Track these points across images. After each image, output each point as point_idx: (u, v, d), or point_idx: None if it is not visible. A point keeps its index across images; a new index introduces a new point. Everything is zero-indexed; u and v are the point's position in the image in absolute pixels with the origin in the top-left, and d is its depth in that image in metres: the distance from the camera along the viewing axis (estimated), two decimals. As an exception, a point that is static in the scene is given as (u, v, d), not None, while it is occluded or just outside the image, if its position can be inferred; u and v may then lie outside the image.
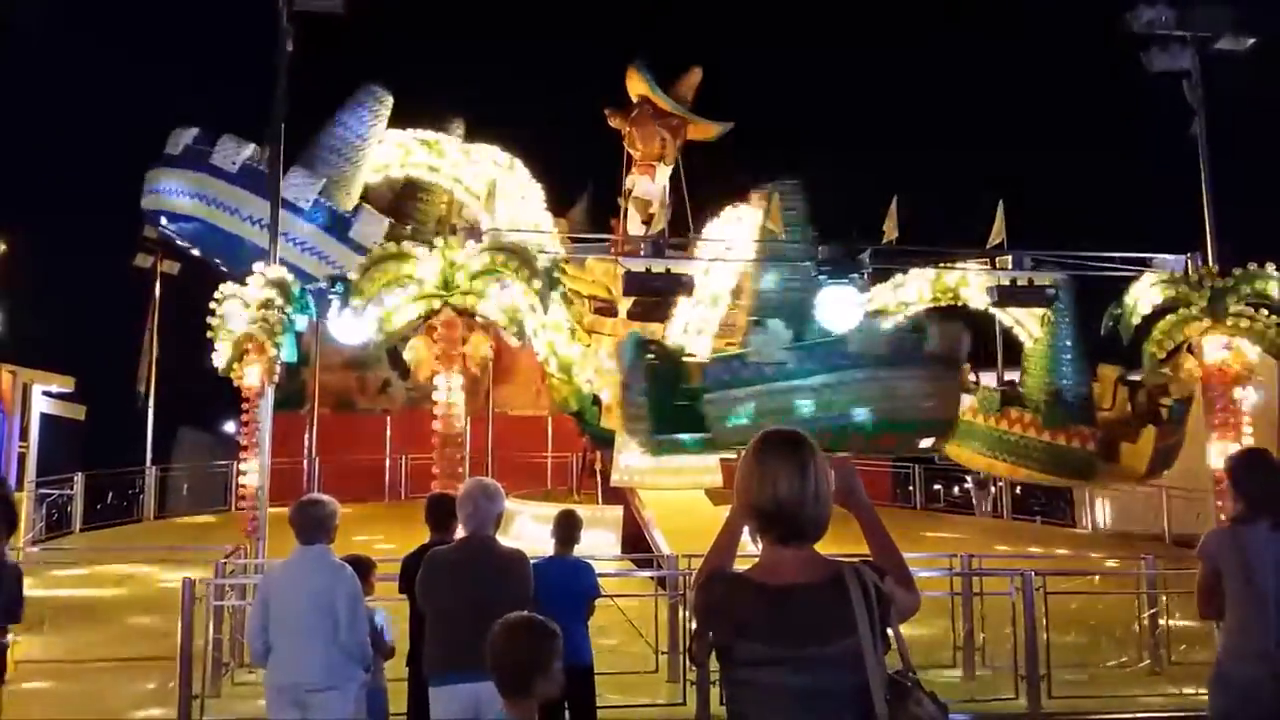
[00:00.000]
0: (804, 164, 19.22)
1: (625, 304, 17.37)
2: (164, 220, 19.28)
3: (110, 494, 20.49)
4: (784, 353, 12.88)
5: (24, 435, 19.75)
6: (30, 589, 9.39)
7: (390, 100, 18.25)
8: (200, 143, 18.29)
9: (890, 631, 2.62)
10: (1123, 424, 15.56)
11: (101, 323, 25.82)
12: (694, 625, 2.91)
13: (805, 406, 12.92)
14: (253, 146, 17.76)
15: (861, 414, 12.82)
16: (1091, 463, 15.68)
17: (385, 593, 6.65)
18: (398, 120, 18.89)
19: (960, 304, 16.55)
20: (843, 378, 12.81)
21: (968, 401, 17.18)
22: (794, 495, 2.60)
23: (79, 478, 19.25)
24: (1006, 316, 17.89)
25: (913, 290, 16.50)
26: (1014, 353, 18.16)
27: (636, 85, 18.99)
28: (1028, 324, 17.74)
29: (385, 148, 18.42)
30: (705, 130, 19.35)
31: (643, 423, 13.91)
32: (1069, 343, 15.22)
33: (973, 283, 15.72)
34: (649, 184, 19.03)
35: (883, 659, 2.56)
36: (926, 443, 14.63)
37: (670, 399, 13.63)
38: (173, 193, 18.42)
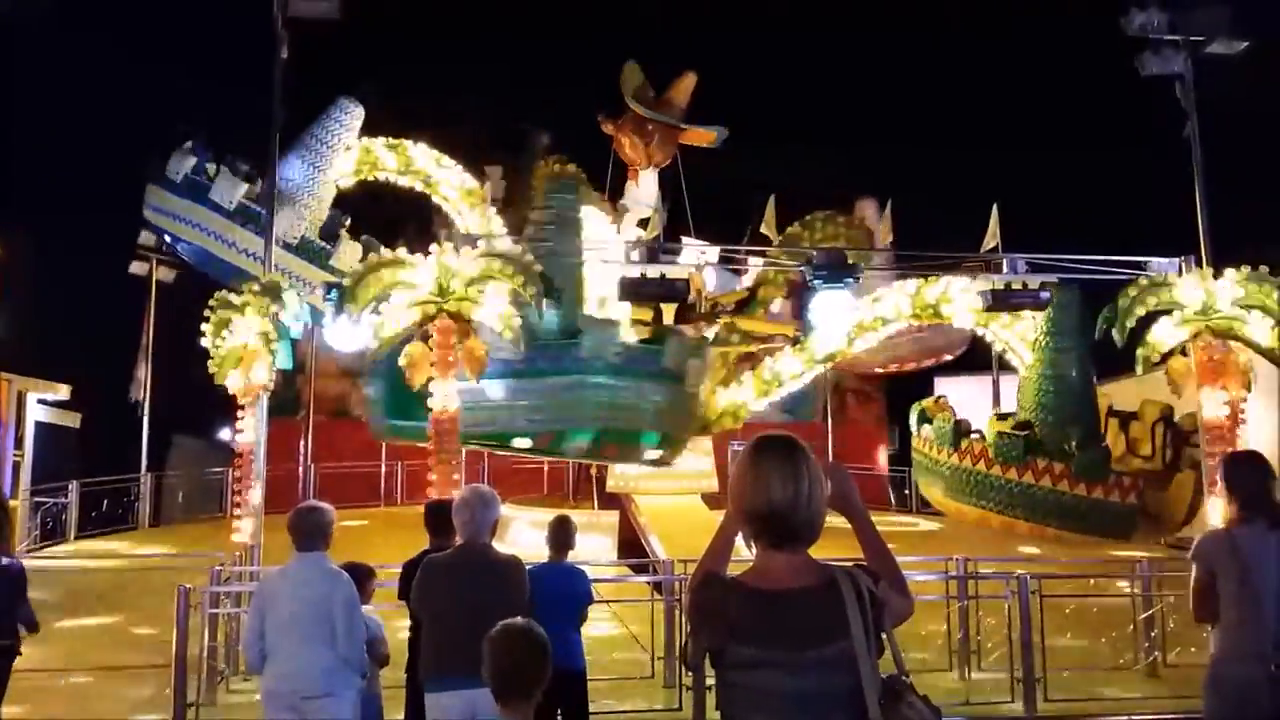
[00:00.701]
0: (797, 168, 19.28)
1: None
2: (166, 236, 19.56)
3: (105, 501, 20.42)
4: (519, 349, 12.30)
5: (19, 443, 19.67)
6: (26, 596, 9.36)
7: (360, 111, 18.30)
8: (198, 173, 18.67)
9: (884, 635, 2.63)
10: (1158, 473, 15.25)
11: (96, 330, 25.73)
12: (688, 629, 2.92)
13: (531, 406, 12.65)
14: (246, 186, 18.26)
15: (586, 421, 12.71)
16: (1133, 519, 15.41)
17: (381, 599, 6.65)
18: (396, 127, 18.98)
19: (943, 320, 16.52)
20: (571, 381, 12.65)
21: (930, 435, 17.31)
22: (787, 500, 2.60)
23: (74, 485, 19.20)
24: (996, 340, 17.83)
25: (889, 305, 16.44)
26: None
27: (624, 91, 19.08)
28: (1018, 348, 17.65)
29: (350, 154, 18.51)
30: (701, 136, 19.38)
31: (378, 407, 13.89)
32: (1073, 372, 14.81)
33: (956, 300, 15.64)
34: (634, 190, 19.07)
35: (876, 663, 2.56)
36: (652, 455, 14.44)
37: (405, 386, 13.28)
38: (173, 217, 18.95)
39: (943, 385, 29.22)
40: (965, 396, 28.86)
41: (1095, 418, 15.53)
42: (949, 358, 20.05)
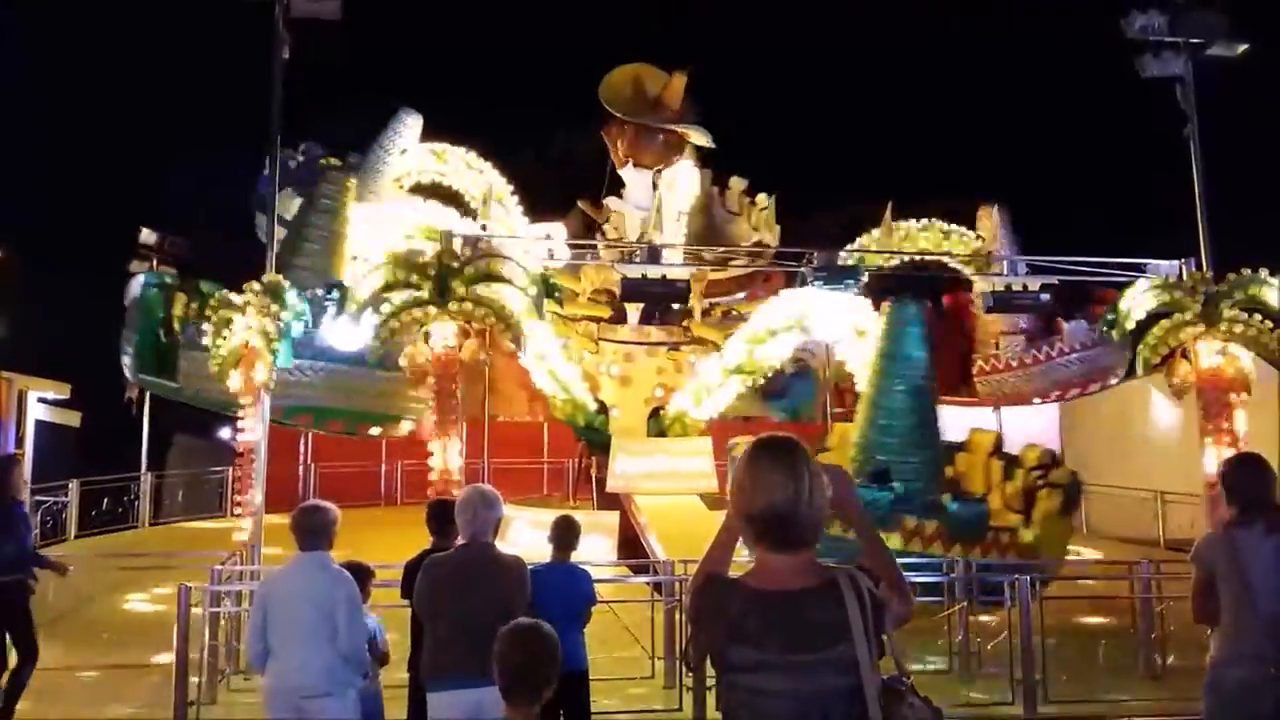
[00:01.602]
0: (796, 169, 19.29)
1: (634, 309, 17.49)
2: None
3: (105, 501, 20.43)
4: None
5: (19, 442, 19.71)
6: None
7: (417, 120, 18.19)
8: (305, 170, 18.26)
9: (884, 636, 2.64)
10: (1010, 511, 13.93)
11: (97, 329, 25.74)
12: (689, 630, 2.93)
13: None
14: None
15: (321, 399, 14.02)
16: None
17: (379, 599, 6.66)
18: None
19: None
20: (319, 365, 13.73)
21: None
22: (787, 502, 2.61)
23: (74, 485, 19.21)
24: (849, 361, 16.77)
25: (779, 315, 16.18)
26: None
27: (613, 97, 19.12)
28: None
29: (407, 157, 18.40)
30: (696, 137, 19.36)
31: (132, 359, 14.63)
32: (910, 401, 13.25)
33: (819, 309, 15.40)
34: (631, 191, 19.08)
35: (877, 664, 2.57)
36: (375, 431, 16.06)
37: (153, 342, 14.25)
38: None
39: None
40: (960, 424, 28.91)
41: (939, 460, 13.71)
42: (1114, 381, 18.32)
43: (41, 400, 20.61)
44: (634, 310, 17.44)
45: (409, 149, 17.94)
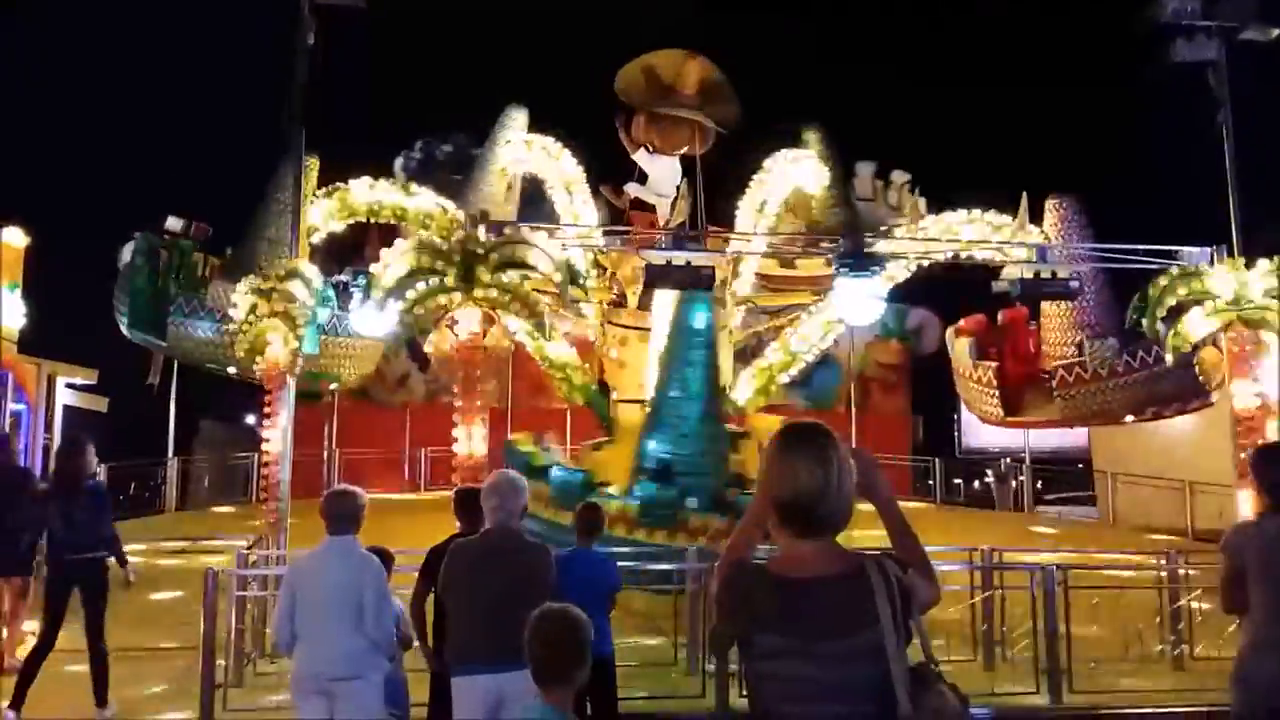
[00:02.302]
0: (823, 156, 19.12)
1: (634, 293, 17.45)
2: None
3: (133, 485, 20.64)
4: None
5: (48, 427, 19.88)
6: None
7: (522, 115, 18.19)
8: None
9: (912, 624, 2.62)
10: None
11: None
12: (714, 616, 2.92)
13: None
14: None
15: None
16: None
17: (401, 583, 6.68)
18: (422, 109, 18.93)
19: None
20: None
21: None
22: (814, 488, 2.59)
23: (101, 469, 19.35)
24: None
25: None
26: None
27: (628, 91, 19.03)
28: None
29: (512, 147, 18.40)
30: (706, 122, 19.22)
31: (126, 315, 15.72)
32: (695, 389, 13.09)
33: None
34: (653, 178, 18.98)
35: (904, 651, 2.55)
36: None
37: (143, 301, 15.31)
38: None
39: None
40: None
41: (724, 452, 13.50)
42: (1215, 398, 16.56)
43: (69, 385, 20.77)
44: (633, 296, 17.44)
45: (512, 140, 17.98)
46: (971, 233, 14.92)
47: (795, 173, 17.62)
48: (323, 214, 15.05)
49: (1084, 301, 16.90)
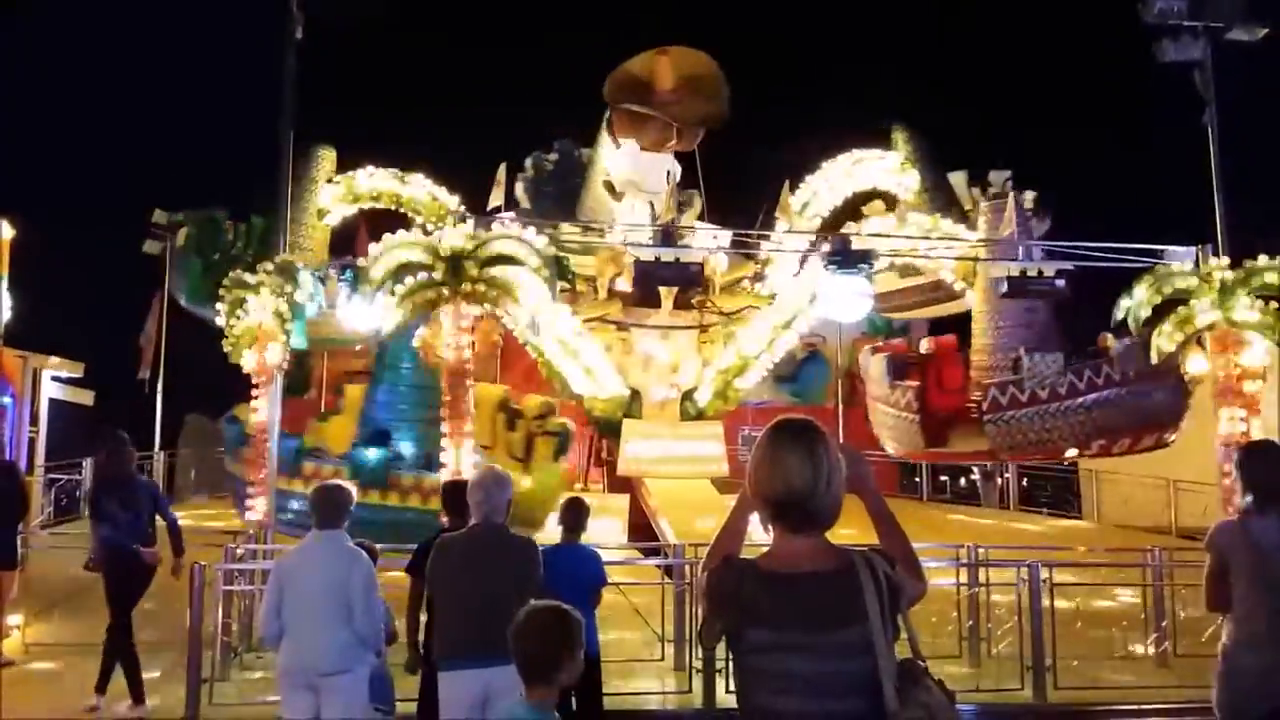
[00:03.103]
0: (811, 154, 19.17)
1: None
2: None
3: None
4: None
5: (34, 420, 19.78)
6: (39, 574, 9.51)
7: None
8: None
9: (900, 619, 2.64)
10: (512, 459, 15.01)
11: (110, 308, 25.90)
12: (703, 610, 2.93)
13: None
14: None
15: None
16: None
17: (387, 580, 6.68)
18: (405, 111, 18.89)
19: None
20: None
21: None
22: (805, 484, 2.61)
23: (88, 463, 19.30)
24: None
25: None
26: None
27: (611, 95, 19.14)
28: None
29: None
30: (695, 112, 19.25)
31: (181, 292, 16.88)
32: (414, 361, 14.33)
33: None
34: (642, 171, 19.01)
35: (892, 646, 2.57)
36: None
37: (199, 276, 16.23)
38: None
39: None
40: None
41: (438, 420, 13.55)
42: (1172, 438, 15.63)
43: (55, 379, 20.67)
44: (669, 293, 17.50)
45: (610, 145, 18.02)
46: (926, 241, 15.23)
47: (862, 175, 17.61)
48: (332, 199, 15.77)
49: (1030, 306, 15.54)
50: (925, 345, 18.18)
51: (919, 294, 18.14)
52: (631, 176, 19.31)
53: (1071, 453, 16.45)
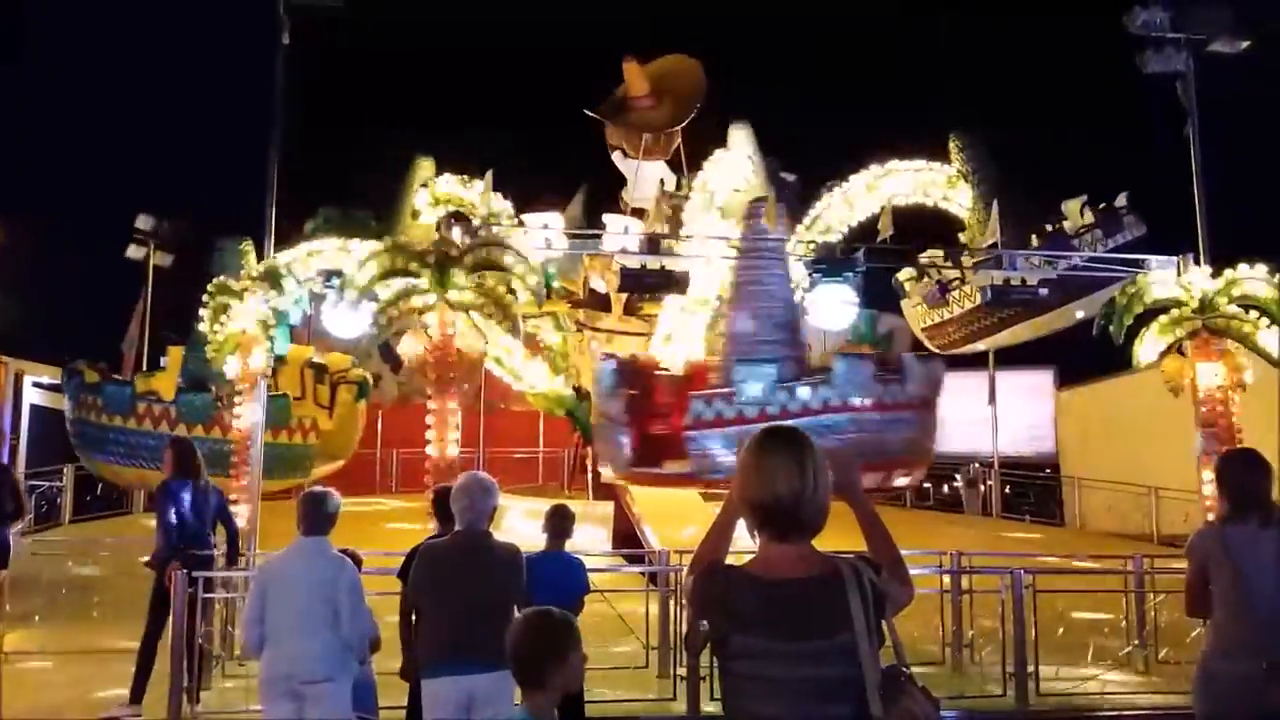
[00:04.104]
0: (795, 165, 19.22)
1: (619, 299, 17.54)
2: None
3: (99, 486, 20.41)
4: None
5: (14, 426, 19.66)
6: (19, 580, 9.44)
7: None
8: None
9: (885, 626, 2.65)
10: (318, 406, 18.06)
11: (93, 314, 25.75)
12: (688, 616, 2.94)
13: None
14: None
15: None
16: (310, 456, 18.01)
17: (373, 586, 6.66)
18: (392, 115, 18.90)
19: None
20: None
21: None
22: (792, 492, 2.62)
23: (68, 469, 19.19)
24: None
25: None
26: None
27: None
28: None
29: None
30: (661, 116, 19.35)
31: None
32: None
33: None
34: (635, 180, 19.08)
35: (877, 654, 2.58)
36: None
37: None
38: None
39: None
40: (959, 390, 28.99)
41: None
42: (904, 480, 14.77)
43: (37, 384, 20.56)
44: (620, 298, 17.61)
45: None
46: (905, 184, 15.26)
47: (892, 188, 17.31)
48: (424, 203, 17.32)
49: (756, 308, 13.78)
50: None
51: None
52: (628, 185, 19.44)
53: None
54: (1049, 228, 16.28)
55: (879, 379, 12.96)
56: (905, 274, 18.40)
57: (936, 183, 17.49)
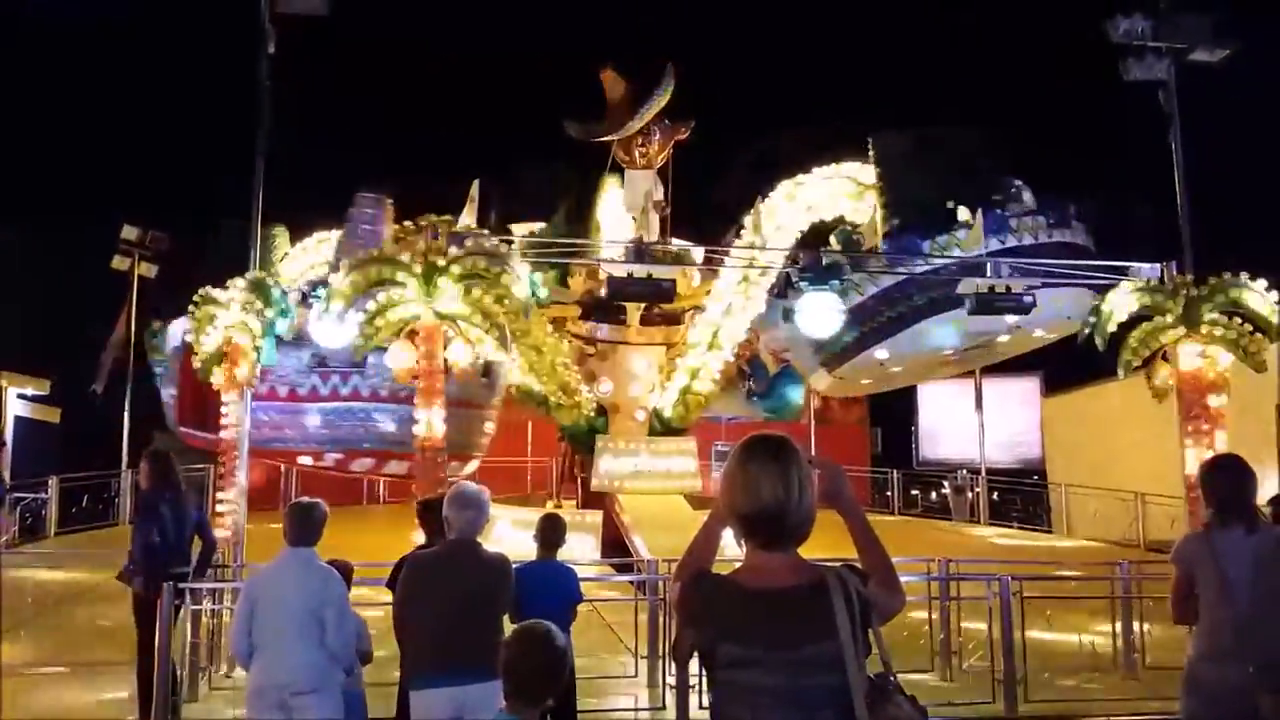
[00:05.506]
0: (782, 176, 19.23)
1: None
2: None
3: (85, 498, 20.29)
4: None
5: (-2, 437, 19.56)
6: (4, 593, 9.33)
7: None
8: None
9: (871, 635, 2.66)
10: None
11: (77, 325, 25.58)
12: (676, 624, 2.94)
13: None
14: None
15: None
16: None
17: (366, 598, 6.65)
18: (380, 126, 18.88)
19: None
20: None
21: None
22: (777, 501, 2.62)
23: (53, 481, 19.08)
24: None
25: None
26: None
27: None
28: None
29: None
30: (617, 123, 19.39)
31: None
32: None
33: None
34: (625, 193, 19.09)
35: (863, 663, 2.59)
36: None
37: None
38: None
39: (926, 391, 29.45)
40: (947, 397, 29.13)
41: None
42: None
43: (21, 396, 20.47)
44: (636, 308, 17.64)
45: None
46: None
47: (806, 195, 17.00)
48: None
49: None
50: None
51: None
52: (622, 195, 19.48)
53: (305, 460, 16.24)
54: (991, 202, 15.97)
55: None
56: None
57: (845, 191, 17.26)
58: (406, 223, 15.65)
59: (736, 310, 16.66)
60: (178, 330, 15.50)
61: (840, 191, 17.04)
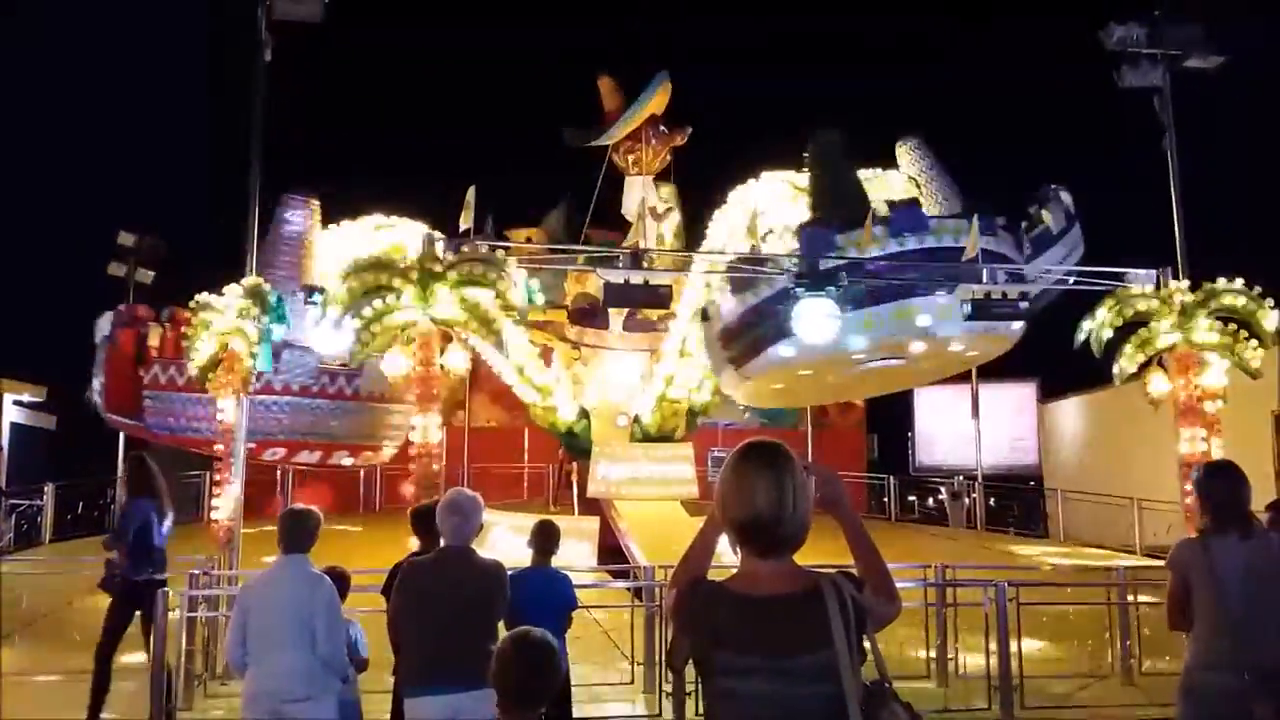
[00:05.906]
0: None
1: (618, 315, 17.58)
2: None
3: (81, 505, 20.26)
4: None
5: (-6, 445, 19.54)
6: (1, 600, 9.29)
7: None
8: None
9: (866, 642, 2.65)
10: None
11: (74, 331, 25.56)
12: (671, 632, 2.94)
13: None
14: None
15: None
16: None
17: (358, 604, 6.63)
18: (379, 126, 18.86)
19: None
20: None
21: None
22: (772, 509, 2.62)
23: (49, 488, 19.04)
24: None
25: None
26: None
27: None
28: None
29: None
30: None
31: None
32: None
33: None
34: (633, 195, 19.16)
35: (859, 670, 2.58)
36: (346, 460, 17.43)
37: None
38: None
39: (923, 397, 29.45)
40: (943, 403, 29.13)
41: None
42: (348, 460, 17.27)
43: (17, 403, 20.44)
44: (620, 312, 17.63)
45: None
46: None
47: (754, 199, 17.01)
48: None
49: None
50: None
51: None
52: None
53: (279, 453, 16.58)
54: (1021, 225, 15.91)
55: (325, 371, 15.52)
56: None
57: (783, 195, 17.16)
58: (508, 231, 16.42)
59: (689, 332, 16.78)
60: (105, 322, 16.72)
61: (781, 195, 17.04)
